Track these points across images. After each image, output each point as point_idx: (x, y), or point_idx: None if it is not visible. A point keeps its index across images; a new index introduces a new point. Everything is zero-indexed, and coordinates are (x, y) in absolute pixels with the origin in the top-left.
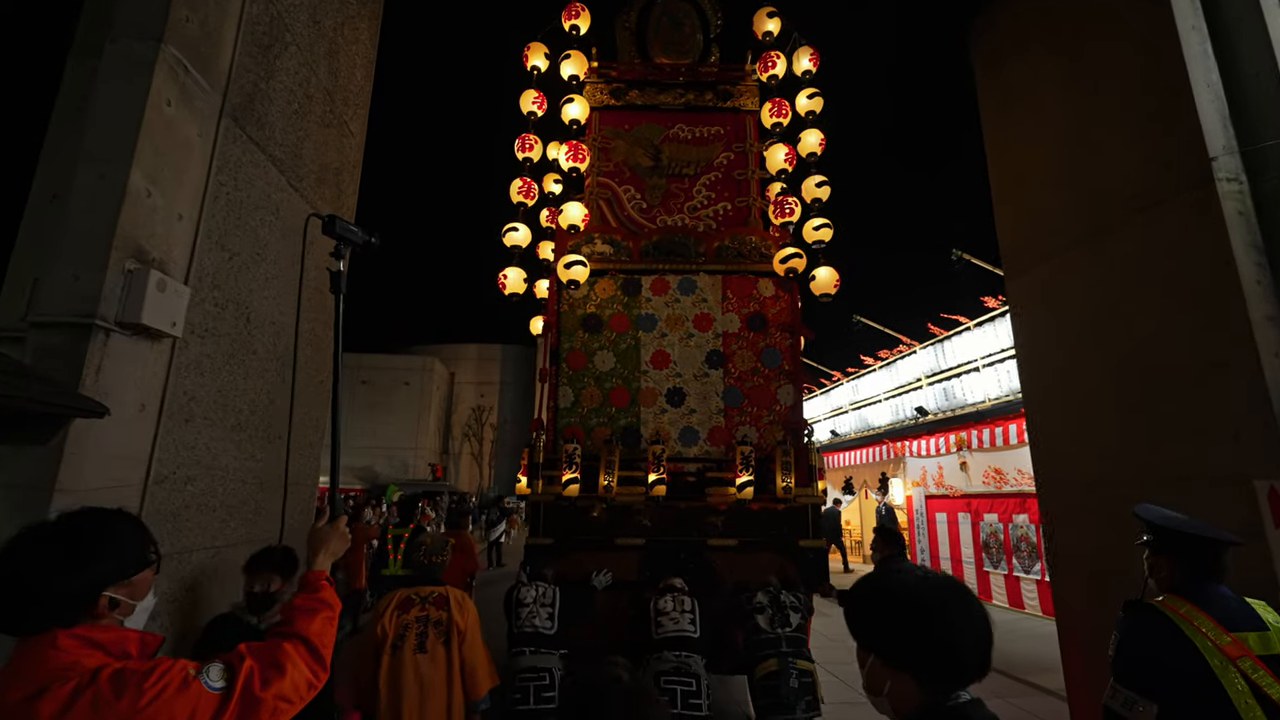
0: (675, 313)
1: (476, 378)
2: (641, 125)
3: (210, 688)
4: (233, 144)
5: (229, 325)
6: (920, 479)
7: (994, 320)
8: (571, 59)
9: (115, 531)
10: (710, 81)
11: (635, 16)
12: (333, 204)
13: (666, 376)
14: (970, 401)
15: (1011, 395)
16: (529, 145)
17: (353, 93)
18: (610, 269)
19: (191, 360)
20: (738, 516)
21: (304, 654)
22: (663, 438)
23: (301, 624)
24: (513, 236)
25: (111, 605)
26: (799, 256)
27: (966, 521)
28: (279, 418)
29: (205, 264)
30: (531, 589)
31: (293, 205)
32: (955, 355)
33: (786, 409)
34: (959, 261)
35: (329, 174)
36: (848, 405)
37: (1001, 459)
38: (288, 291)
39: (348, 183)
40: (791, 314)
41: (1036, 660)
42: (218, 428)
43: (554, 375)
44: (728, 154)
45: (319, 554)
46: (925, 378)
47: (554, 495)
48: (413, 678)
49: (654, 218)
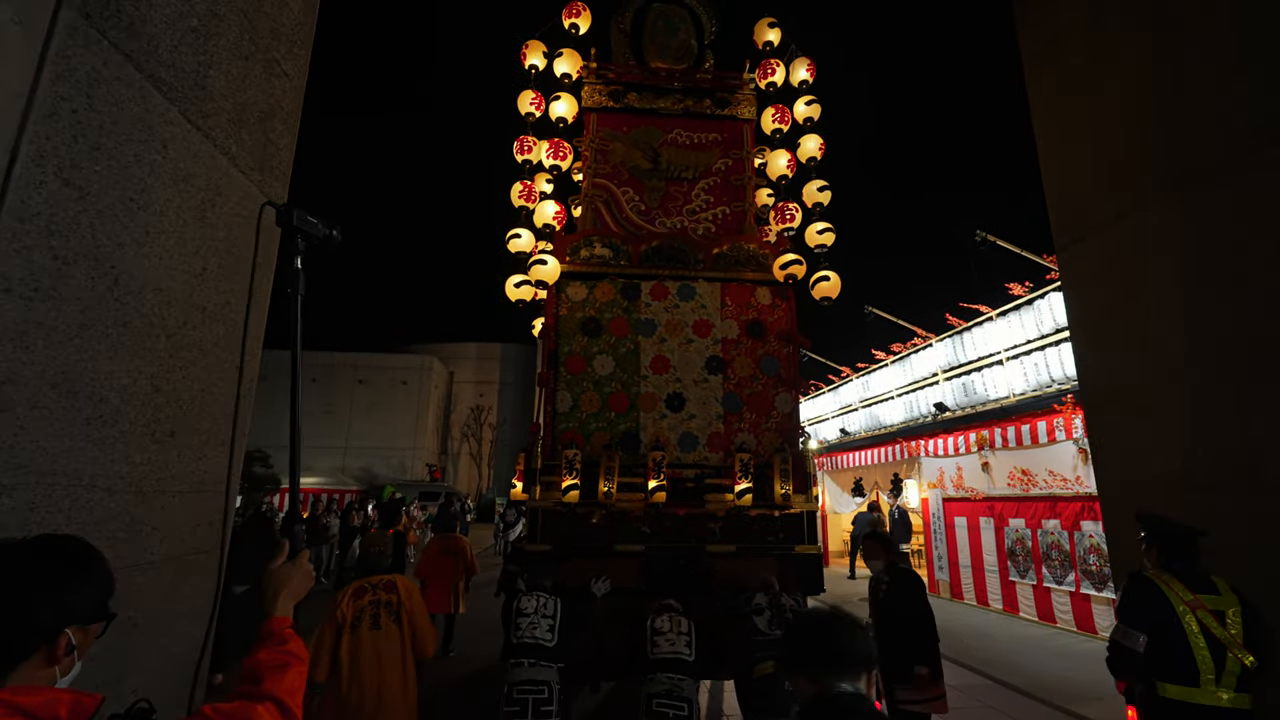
0: (675, 318)
1: (476, 377)
2: (640, 128)
3: None
4: (83, 48)
5: (80, 286)
6: (937, 480)
7: (1020, 309)
8: (564, 56)
9: (99, 564)
10: (707, 88)
11: (630, 19)
12: (257, 155)
13: (666, 381)
14: (993, 397)
15: (1040, 390)
16: (527, 147)
17: (285, 25)
18: (610, 272)
19: (6, 327)
20: (736, 523)
21: (276, 717)
22: (662, 443)
23: (270, 683)
24: (516, 243)
25: (67, 650)
26: (799, 263)
27: (989, 526)
28: (173, 410)
29: (34, 200)
30: (532, 599)
31: (192, 146)
32: (976, 348)
33: (784, 416)
34: (983, 243)
35: (250, 117)
36: (857, 402)
37: (1030, 459)
38: (185, 253)
39: (280, 133)
40: (789, 322)
41: (1072, 685)
42: (60, 421)
43: (552, 379)
44: (725, 160)
45: (279, 596)
46: (942, 372)
47: (553, 501)
48: (370, 651)
49: (653, 220)
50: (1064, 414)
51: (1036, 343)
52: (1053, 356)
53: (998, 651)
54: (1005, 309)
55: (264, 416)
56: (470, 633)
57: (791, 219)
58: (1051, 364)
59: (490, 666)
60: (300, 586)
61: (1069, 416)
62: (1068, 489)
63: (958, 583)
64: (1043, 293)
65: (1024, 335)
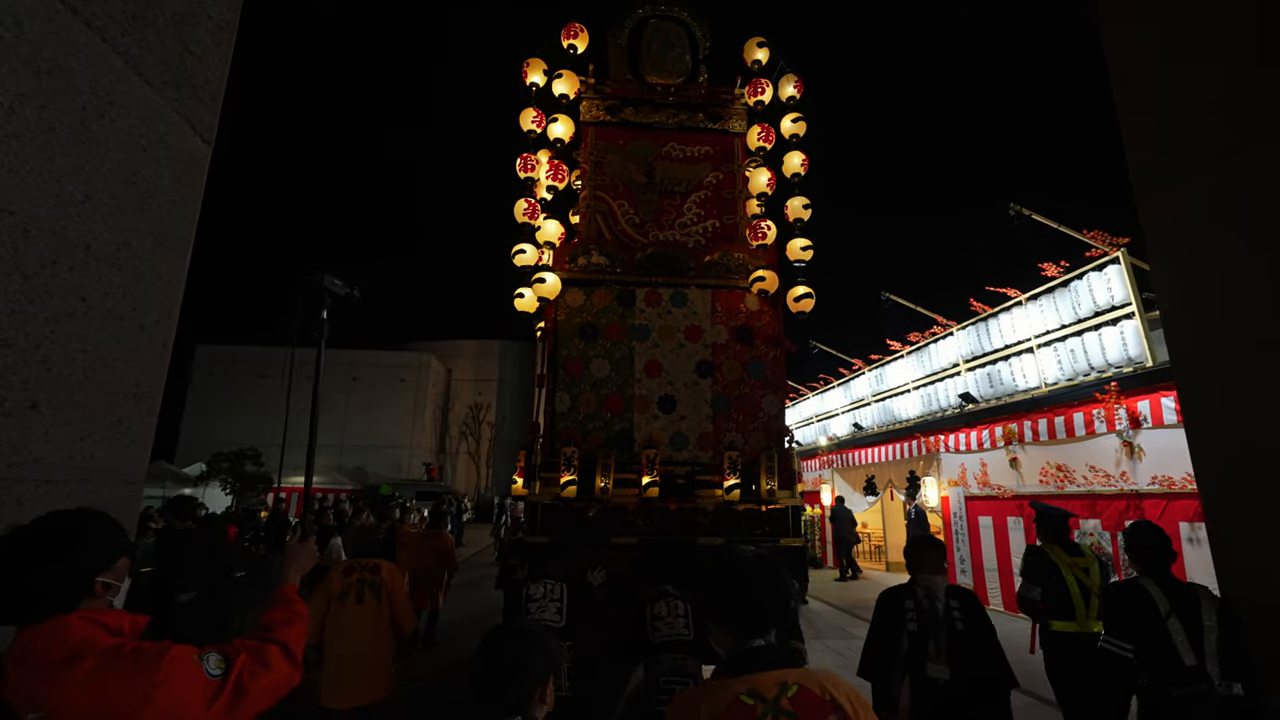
0: (667, 324)
1: (474, 374)
2: (635, 142)
3: (209, 674)
4: None
5: None
6: (959, 477)
7: (1053, 291)
8: (564, 78)
9: (97, 525)
10: (700, 103)
11: (627, 35)
12: (171, 66)
13: (659, 384)
14: (1022, 387)
15: (1076, 379)
16: (530, 165)
17: None
18: (606, 280)
19: None
20: (724, 517)
21: (283, 657)
22: (655, 442)
23: (281, 632)
24: (521, 258)
25: (104, 588)
26: (765, 278)
27: (1018, 526)
28: (32, 374)
29: None
30: (540, 585)
31: (62, 31)
32: (1002, 335)
33: (770, 417)
34: (1018, 218)
35: (158, 17)
36: (870, 396)
37: (1066, 453)
38: (55, 171)
39: (207, 46)
40: (775, 327)
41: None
42: None
43: (551, 381)
44: (716, 174)
45: (290, 569)
46: (964, 362)
47: (552, 496)
48: (352, 622)
49: (646, 232)
50: (1106, 404)
51: (1072, 328)
52: (1092, 342)
53: (1033, 664)
54: (1036, 292)
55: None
56: (445, 629)
57: (764, 236)
58: (1090, 350)
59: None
60: (307, 562)
61: (1111, 407)
62: (1110, 486)
63: (982, 587)
64: (1080, 272)
65: (1057, 320)
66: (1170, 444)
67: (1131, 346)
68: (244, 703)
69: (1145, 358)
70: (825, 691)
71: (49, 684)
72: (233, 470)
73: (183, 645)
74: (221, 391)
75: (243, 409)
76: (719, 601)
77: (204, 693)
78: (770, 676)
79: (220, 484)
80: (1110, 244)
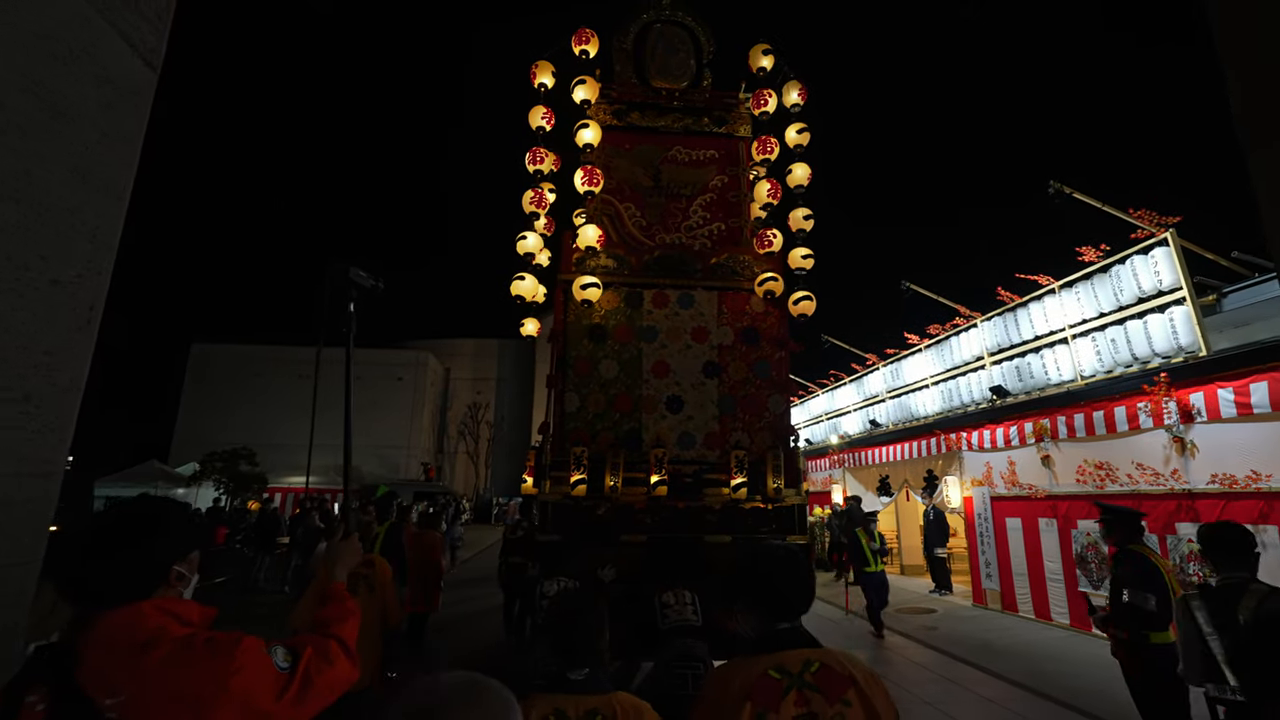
0: (675, 325)
1: (473, 373)
2: (641, 146)
3: (278, 666)
4: None
5: None
6: (983, 476)
7: (1091, 278)
8: (586, 85)
9: (177, 514)
10: (705, 107)
11: (632, 40)
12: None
13: (666, 385)
14: (1055, 381)
15: (1117, 370)
16: (539, 158)
17: None
18: (615, 282)
19: None
20: (731, 515)
21: (343, 653)
22: (663, 441)
23: (337, 629)
24: (524, 244)
25: (178, 578)
26: (775, 280)
27: (1051, 529)
28: None
29: None
30: (554, 584)
31: None
32: (1033, 325)
33: (776, 416)
34: (1058, 196)
35: None
36: (885, 393)
37: (1106, 450)
38: None
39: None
40: (780, 329)
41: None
42: None
43: (561, 382)
44: (722, 177)
45: (337, 566)
46: (989, 355)
47: (562, 495)
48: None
49: (653, 235)
50: (1153, 396)
51: (1112, 316)
52: (1135, 331)
53: (1086, 679)
54: (1072, 278)
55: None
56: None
57: (770, 245)
58: (1134, 339)
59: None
60: (351, 560)
61: (1159, 399)
62: (1159, 485)
63: (1010, 593)
64: (1122, 256)
65: (1096, 308)
66: (1229, 439)
67: (1183, 335)
68: (309, 696)
69: (1198, 346)
70: (844, 668)
71: (126, 670)
72: (226, 470)
73: (253, 637)
74: (217, 390)
75: (239, 408)
76: (750, 589)
77: (274, 684)
78: (795, 654)
79: (213, 484)
80: (1158, 224)
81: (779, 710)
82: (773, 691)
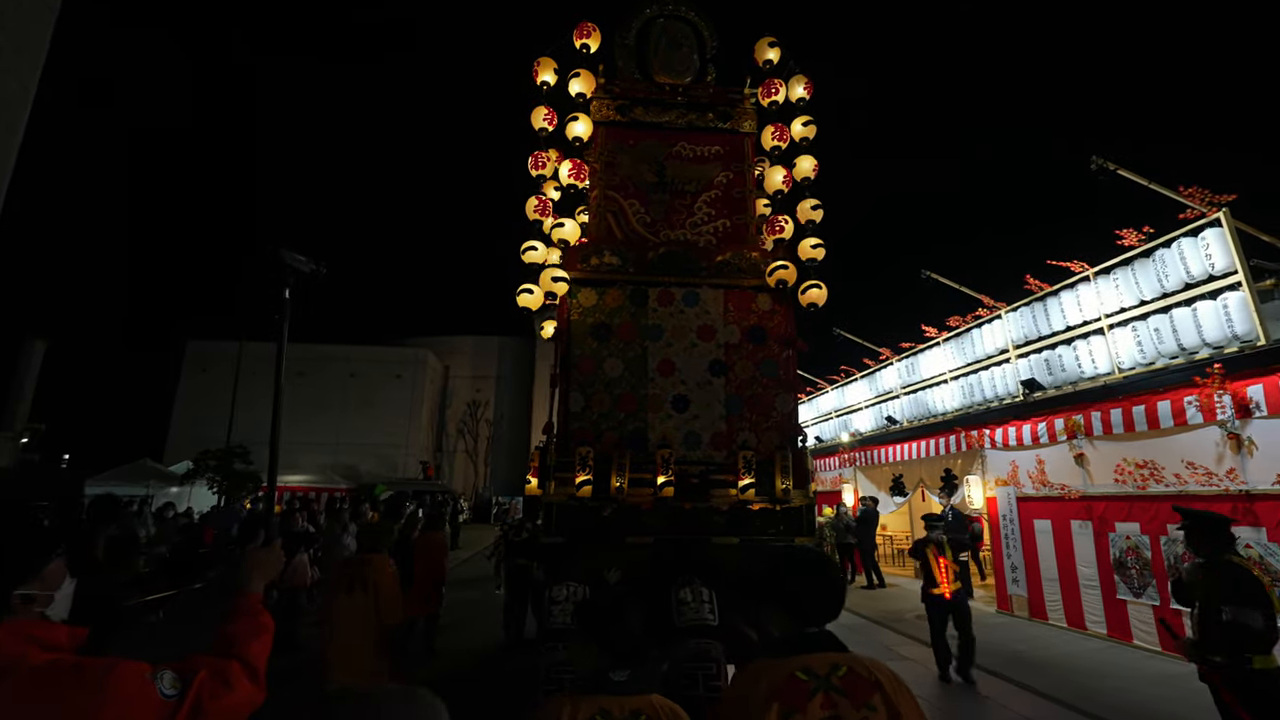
0: (680, 323)
1: (472, 371)
2: (645, 142)
3: (163, 694)
4: None
5: None
6: (1009, 475)
7: (1131, 263)
8: (581, 77)
9: (11, 534)
10: (709, 102)
11: (634, 35)
12: None
13: (672, 384)
14: (1089, 374)
15: (1159, 363)
16: (542, 162)
17: None
18: (619, 280)
19: None
20: (738, 516)
21: (245, 675)
22: (669, 441)
23: (242, 647)
24: (532, 255)
25: (26, 600)
26: (786, 268)
27: (1085, 531)
28: None
29: None
30: (563, 588)
31: None
32: (1064, 315)
33: (783, 416)
34: (1101, 171)
35: None
36: (899, 388)
37: (1149, 449)
38: None
39: None
40: (787, 327)
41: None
42: None
43: (564, 381)
44: (726, 173)
45: (254, 575)
46: (1015, 347)
47: (566, 496)
48: (344, 612)
49: (658, 232)
50: (1203, 390)
51: (1156, 304)
52: (1183, 319)
53: (1135, 695)
54: (1110, 264)
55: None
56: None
57: (781, 230)
58: (1181, 328)
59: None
60: (271, 569)
61: (1211, 393)
62: (1211, 485)
63: (1039, 600)
64: (1168, 239)
65: (1136, 296)
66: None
67: (1239, 323)
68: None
69: (1256, 335)
70: (870, 673)
71: None
72: (220, 468)
73: (133, 662)
74: (213, 388)
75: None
76: (781, 591)
77: (157, 714)
78: (822, 658)
79: (207, 483)
80: (1210, 203)
81: (806, 711)
82: (800, 693)
